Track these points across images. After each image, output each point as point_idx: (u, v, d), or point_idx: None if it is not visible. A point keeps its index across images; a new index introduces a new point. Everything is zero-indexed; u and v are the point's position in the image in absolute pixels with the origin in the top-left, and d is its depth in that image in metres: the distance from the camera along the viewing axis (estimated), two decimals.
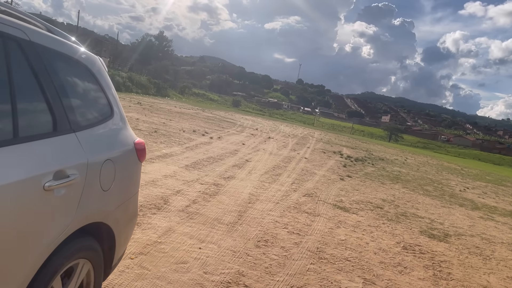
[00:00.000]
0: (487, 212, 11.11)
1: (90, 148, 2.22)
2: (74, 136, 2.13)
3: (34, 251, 1.74)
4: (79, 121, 2.23)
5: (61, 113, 2.04)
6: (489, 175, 29.61)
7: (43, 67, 1.97)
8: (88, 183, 2.13)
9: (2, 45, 1.72)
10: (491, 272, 5.72)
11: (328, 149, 22.56)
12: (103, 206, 2.32)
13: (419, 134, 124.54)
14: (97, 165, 2.24)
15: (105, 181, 2.32)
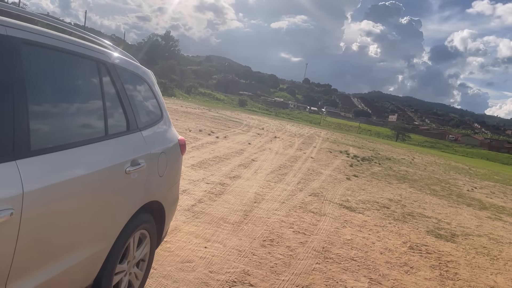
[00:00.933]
0: (495, 212, 11.02)
1: (150, 143, 2.90)
2: (140, 134, 2.81)
3: (121, 215, 2.48)
4: (143, 122, 2.90)
5: (131, 116, 2.72)
6: (498, 175, 29.39)
7: (119, 82, 2.63)
8: (150, 170, 2.80)
9: (96, 67, 2.39)
10: (499, 272, 5.68)
11: (335, 148, 22.51)
12: (159, 188, 3.00)
13: (426, 133, 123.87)
14: (156, 156, 2.93)
15: (161, 168, 3.00)
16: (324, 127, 63.85)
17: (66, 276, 2.07)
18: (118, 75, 2.64)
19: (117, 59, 2.73)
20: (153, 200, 2.90)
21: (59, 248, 2.00)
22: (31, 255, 1.77)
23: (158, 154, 2.98)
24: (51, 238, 1.91)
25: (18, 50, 1.76)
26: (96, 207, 2.25)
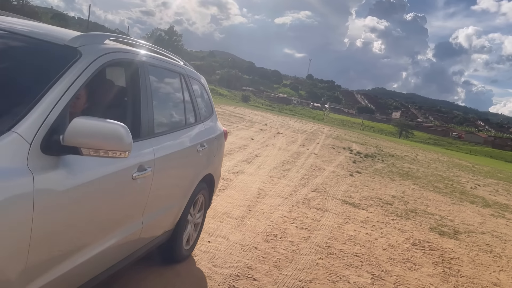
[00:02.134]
0: (498, 209, 11.00)
1: (208, 131, 3.97)
2: (202, 125, 3.88)
3: (195, 180, 3.59)
4: (203, 116, 3.96)
5: (197, 112, 3.81)
6: (501, 173, 29.32)
7: (190, 87, 3.73)
8: (209, 151, 3.89)
9: (181, 78, 3.55)
10: (502, 269, 5.68)
11: (338, 144, 22.48)
12: (213, 165, 4.06)
13: (430, 130, 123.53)
14: (211, 141, 3.98)
15: (214, 150, 4.10)
16: (327, 123, 63.78)
17: (165, 218, 3.21)
18: (190, 83, 3.77)
19: (188, 71, 3.84)
20: (209, 173, 3.96)
21: (167, 197, 3.15)
22: (153, 200, 2.81)
23: (213, 139, 4.04)
24: (163, 189, 3.02)
25: (148, 70, 2.84)
26: (185, 172, 3.47)
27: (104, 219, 2.32)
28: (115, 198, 2.39)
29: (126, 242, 2.58)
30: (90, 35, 2.37)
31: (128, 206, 2.58)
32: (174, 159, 3.13)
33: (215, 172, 4.16)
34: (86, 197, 2.06)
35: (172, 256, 3.60)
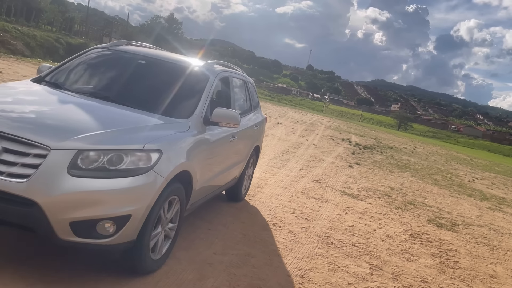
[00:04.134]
0: (495, 203, 11.07)
1: (258, 117, 5.87)
2: (254, 112, 5.74)
3: (251, 148, 5.56)
4: (254, 107, 5.82)
5: (252, 104, 5.79)
6: (499, 166, 29.42)
7: (248, 89, 5.67)
8: (258, 130, 5.81)
9: (244, 83, 5.54)
10: (498, 262, 5.73)
11: (337, 136, 22.50)
12: (259, 139, 5.99)
13: (429, 123, 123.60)
14: (260, 123, 5.89)
15: (261, 130, 6.04)
16: (326, 115, 63.73)
17: (237, 169, 5.07)
18: (248, 86, 5.76)
19: (247, 78, 5.80)
20: (257, 144, 5.90)
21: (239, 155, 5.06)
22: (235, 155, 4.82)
23: (260, 122, 5.96)
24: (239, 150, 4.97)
25: (228, 80, 4.69)
26: (248, 142, 5.37)
27: (222, 159, 4.37)
28: (224, 149, 4.41)
29: (226, 174, 4.66)
30: (210, 63, 4.50)
31: (228, 156, 4.62)
32: (245, 133, 5.09)
33: (260, 144, 6.19)
34: (217, 146, 4.07)
35: (236, 196, 5.58)
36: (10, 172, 2.50)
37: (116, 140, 2.80)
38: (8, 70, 14.80)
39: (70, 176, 2.55)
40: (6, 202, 2.48)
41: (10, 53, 23.63)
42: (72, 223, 2.55)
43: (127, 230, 2.72)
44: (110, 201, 2.63)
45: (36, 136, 2.58)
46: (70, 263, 3.14)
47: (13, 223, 2.58)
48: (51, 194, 2.49)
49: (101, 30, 44.92)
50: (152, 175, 2.80)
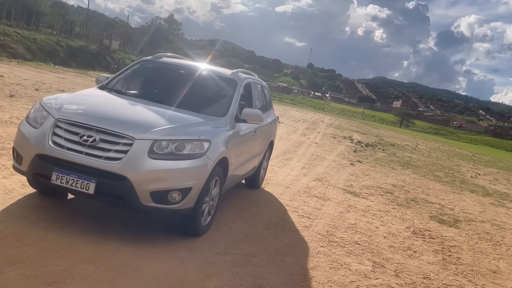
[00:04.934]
0: (498, 198, 11.06)
1: (272, 116, 6.92)
2: (269, 112, 6.75)
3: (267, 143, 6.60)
4: (268, 106, 6.79)
5: (267, 104, 6.83)
6: (501, 162, 29.36)
7: (263, 91, 6.70)
8: (273, 127, 6.92)
9: (261, 87, 6.56)
10: (501, 257, 5.74)
11: (339, 134, 22.50)
12: (272, 135, 6.96)
13: (430, 120, 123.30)
14: (274, 121, 7.01)
15: (274, 127, 7.12)
16: (328, 113, 63.66)
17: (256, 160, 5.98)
18: (265, 90, 6.78)
19: (263, 83, 6.76)
20: (272, 139, 6.90)
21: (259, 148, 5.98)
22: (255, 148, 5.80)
23: (274, 121, 7.01)
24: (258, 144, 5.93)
25: (249, 87, 5.70)
26: (265, 137, 6.25)
27: (247, 150, 5.27)
28: (249, 142, 5.34)
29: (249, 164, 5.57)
30: (236, 71, 5.51)
31: (251, 147, 5.52)
32: (263, 129, 5.96)
33: (274, 139, 7.19)
34: (244, 139, 5.02)
35: (254, 184, 6.50)
36: (106, 156, 3.48)
37: (180, 133, 3.82)
38: (10, 74, 14.85)
39: (149, 159, 3.53)
40: (106, 178, 3.46)
41: (11, 57, 23.70)
42: (152, 193, 3.52)
43: (189, 199, 3.71)
44: (177, 177, 3.63)
45: (124, 130, 3.57)
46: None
47: (110, 193, 3.53)
48: (137, 172, 3.47)
49: (101, 32, 44.88)
50: (205, 159, 3.79)
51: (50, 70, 22.03)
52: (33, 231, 3.50)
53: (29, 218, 3.73)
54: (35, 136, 3.65)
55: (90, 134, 3.54)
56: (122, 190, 3.49)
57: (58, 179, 3.49)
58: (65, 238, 3.50)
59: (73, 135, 3.57)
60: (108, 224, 3.99)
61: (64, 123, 3.64)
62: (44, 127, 3.67)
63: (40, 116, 3.81)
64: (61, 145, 3.54)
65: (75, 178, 3.46)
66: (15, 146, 3.87)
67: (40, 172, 3.62)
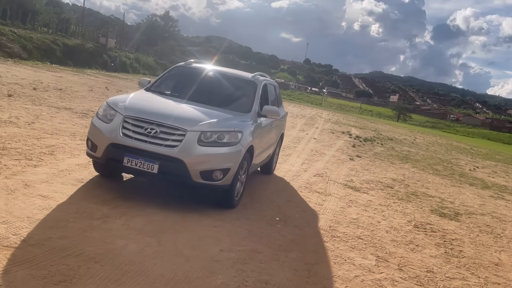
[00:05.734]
0: (497, 191, 11.11)
1: (282, 111, 7.80)
2: (280, 107, 7.60)
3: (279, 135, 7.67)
4: (279, 103, 7.73)
5: (279, 101, 7.85)
6: (499, 154, 29.45)
7: (276, 91, 7.57)
8: (283, 121, 8.07)
9: (274, 86, 7.42)
10: (502, 249, 5.77)
11: (337, 129, 22.52)
12: (283, 129, 8.19)
13: (428, 113, 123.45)
14: (284, 116, 8.11)
15: (284, 121, 8.37)
16: (325, 108, 63.68)
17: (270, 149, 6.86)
18: (276, 89, 7.61)
19: (275, 83, 7.57)
20: (282, 132, 8.00)
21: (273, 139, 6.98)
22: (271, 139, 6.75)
23: (284, 116, 8.00)
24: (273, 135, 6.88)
25: (266, 87, 6.64)
26: (278, 129, 7.34)
27: (266, 140, 6.19)
28: (267, 134, 6.27)
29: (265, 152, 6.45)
30: (255, 74, 6.45)
31: (269, 138, 6.48)
32: (276, 123, 6.97)
33: (284, 132, 8.36)
34: (264, 131, 5.98)
35: (269, 170, 7.52)
36: (166, 144, 4.47)
37: (220, 126, 4.82)
38: (7, 74, 14.78)
39: (199, 146, 4.53)
40: (166, 161, 4.43)
41: (8, 56, 23.57)
42: (201, 172, 4.51)
43: (227, 177, 4.69)
44: (219, 160, 4.61)
45: (179, 124, 4.56)
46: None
47: (170, 172, 4.50)
48: (190, 156, 4.46)
49: (97, 30, 44.68)
50: (239, 146, 4.79)
51: (47, 69, 21.92)
52: (37, 231, 3.50)
53: (33, 218, 3.73)
54: (108, 129, 4.63)
55: (152, 127, 4.51)
56: (178, 170, 4.45)
57: (129, 162, 4.46)
58: (70, 239, 3.50)
59: (138, 128, 4.54)
60: (111, 224, 3.99)
61: (131, 119, 4.60)
62: (114, 122, 4.65)
63: (109, 114, 4.77)
64: (130, 136, 4.53)
65: (142, 161, 4.43)
66: (90, 137, 4.85)
67: (113, 157, 4.58)
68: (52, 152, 5.95)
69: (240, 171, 4.97)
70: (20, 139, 6.26)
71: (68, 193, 4.50)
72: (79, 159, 5.90)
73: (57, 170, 5.18)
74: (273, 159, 7.55)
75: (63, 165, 5.44)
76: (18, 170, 4.88)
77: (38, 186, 4.50)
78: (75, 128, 8.03)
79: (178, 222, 4.34)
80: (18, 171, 4.85)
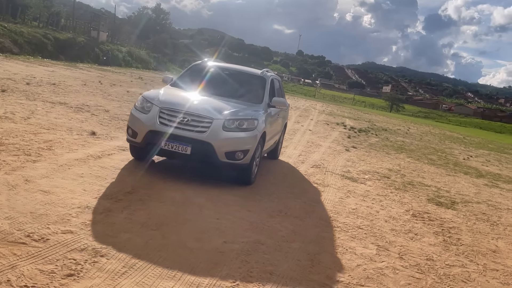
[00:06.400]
0: (491, 179, 11.24)
1: (286, 102, 7.96)
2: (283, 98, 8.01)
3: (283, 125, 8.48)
4: (283, 95, 8.48)
5: (281, 93, 8.19)
6: (492, 143, 29.73)
7: (280, 84, 8.33)
8: (287, 111, 8.84)
9: (278, 81, 8.16)
10: (499, 237, 5.86)
11: (331, 120, 22.58)
12: (286, 117, 8.95)
13: (420, 103, 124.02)
14: (287, 108, 8.62)
15: (287, 113, 8.97)
16: (319, 100, 63.77)
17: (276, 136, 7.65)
18: (280, 82, 8.38)
19: (279, 78, 8.33)
20: (286, 121, 8.90)
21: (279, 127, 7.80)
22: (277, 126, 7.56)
23: (287, 107, 8.44)
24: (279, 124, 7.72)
25: (273, 81, 7.48)
26: (283, 118, 8.33)
27: (274, 128, 7.04)
28: (275, 122, 7.10)
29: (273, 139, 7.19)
30: (264, 70, 7.38)
31: (276, 126, 7.27)
32: (282, 113, 7.76)
33: (287, 121, 9.21)
34: (273, 120, 6.87)
35: (274, 155, 8.28)
36: (196, 130, 5.34)
37: (240, 114, 5.71)
38: None
39: (223, 131, 5.39)
40: (197, 144, 5.29)
41: None
42: (226, 153, 5.38)
43: (247, 157, 5.56)
44: (240, 143, 5.49)
45: (206, 114, 5.45)
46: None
47: (200, 153, 5.33)
48: (217, 139, 5.33)
49: (88, 23, 44.16)
50: (256, 131, 5.67)
51: (39, 63, 21.70)
52: (40, 226, 3.50)
53: (35, 213, 3.73)
54: (147, 119, 5.47)
55: (184, 116, 5.37)
56: (207, 151, 5.31)
57: (166, 146, 5.30)
58: (74, 233, 3.51)
59: (173, 117, 5.39)
60: (114, 218, 4.00)
61: (166, 110, 5.47)
62: (152, 113, 5.50)
63: (146, 106, 5.62)
64: (166, 124, 5.38)
65: (178, 144, 5.29)
66: (130, 125, 5.64)
67: (152, 142, 5.39)
68: (50, 147, 5.92)
69: (256, 152, 5.81)
70: (18, 135, 6.22)
71: (69, 188, 4.49)
72: (78, 154, 5.88)
73: (56, 165, 5.16)
74: (279, 146, 8.41)
75: (62, 160, 5.43)
76: (17, 165, 4.86)
77: (38, 182, 4.49)
78: (71, 122, 7.99)
79: (180, 215, 4.36)
80: (18, 166, 4.83)
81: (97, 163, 5.63)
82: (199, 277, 3.17)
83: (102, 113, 9.82)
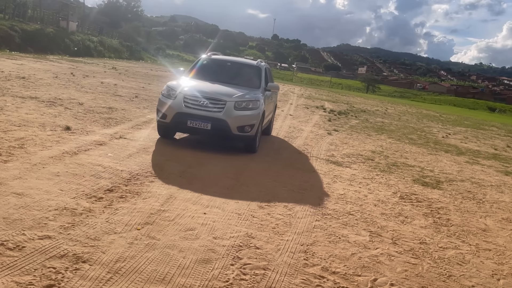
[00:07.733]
0: (472, 156, 11.36)
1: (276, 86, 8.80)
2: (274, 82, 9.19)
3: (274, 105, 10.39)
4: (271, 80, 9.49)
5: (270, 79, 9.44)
6: (467, 120, 30.28)
7: (269, 71, 9.68)
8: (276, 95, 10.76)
9: (267, 68, 9.39)
10: (487, 215, 5.86)
11: (311, 104, 22.50)
12: (276, 100, 10.93)
13: (395, 83, 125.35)
14: (276, 91, 9.48)
15: (276, 96, 10.87)
16: (296, 83, 63.62)
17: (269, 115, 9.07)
18: (269, 71, 9.60)
19: (268, 66, 9.66)
20: (276, 103, 11.00)
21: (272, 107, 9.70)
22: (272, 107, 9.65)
23: (277, 90, 9.11)
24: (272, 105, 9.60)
25: (266, 69, 9.05)
26: (274, 101, 10.18)
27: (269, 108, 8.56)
28: (269, 103, 8.68)
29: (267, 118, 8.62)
30: (258, 61, 9.32)
31: (270, 106, 8.87)
32: (273, 96, 9.50)
33: (277, 103, 11.44)
34: (268, 101, 8.47)
35: (269, 132, 9.64)
36: (213, 110, 6.80)
37: (247, 97, 7.20)
38: None
39: (235, 110, 6.89)
40: (215, 121, 6.75)
41: None
42: (237, 127, 6.86)
43: (253, 130, 7.03)
44: (248, 119, 6.95)
45: (220, 97, 6.94)
46: None
47: (218, 128, 6.77)
48: (230, 117, 6.82)
49: (56, 14, 42.59)
50: (259, 110, 7.16)
51: (7, 57, 20.78)
52: (15, 233, 3.25)
53: (9, 219, 3.47)
54: (174, 103, 6.90)
55: (203, 100, 6.85)
56: (223, 126, 6.80)
57: (191, 123, 6.76)
58: (52, 239, 3.27)
59: (195, 102, 6.86)
60: (95, 219, 3.76)
61: (188, 96, 6.91)
62: (177, 98, 6.93)
63: (172, 93, 7.04)
64: (190, 107, 6.83)
65: (200, 122, 6.75)
66: (159, 108, 7.04)
67: (180, 121, 6.85)
68: (22, 145, 5.59)
69: (259, 127, 7.33)
70: None
71: (45, 189, 4.22)
72: (52, 151, 5.57)
73: (29, 165, 4.86)
74: (272, 124, 10.14)
75: (36, 159, 5.12)
76: None
77: (11, 184, 4.20)
78: (44, 118, 7.61)
79: (165, 212, 4.15)
80: None
81: (73, 160, 5.34)
82: (190, 279, 2.98)
83: (76, 106, 9.42)
